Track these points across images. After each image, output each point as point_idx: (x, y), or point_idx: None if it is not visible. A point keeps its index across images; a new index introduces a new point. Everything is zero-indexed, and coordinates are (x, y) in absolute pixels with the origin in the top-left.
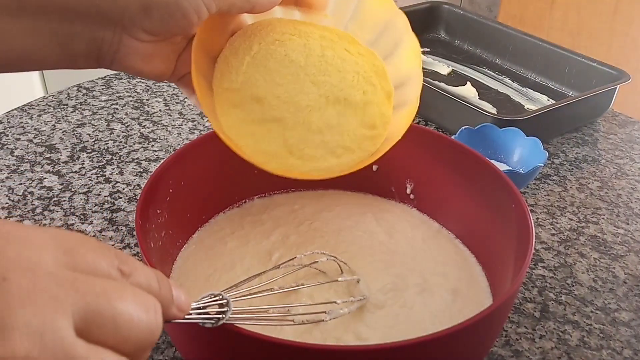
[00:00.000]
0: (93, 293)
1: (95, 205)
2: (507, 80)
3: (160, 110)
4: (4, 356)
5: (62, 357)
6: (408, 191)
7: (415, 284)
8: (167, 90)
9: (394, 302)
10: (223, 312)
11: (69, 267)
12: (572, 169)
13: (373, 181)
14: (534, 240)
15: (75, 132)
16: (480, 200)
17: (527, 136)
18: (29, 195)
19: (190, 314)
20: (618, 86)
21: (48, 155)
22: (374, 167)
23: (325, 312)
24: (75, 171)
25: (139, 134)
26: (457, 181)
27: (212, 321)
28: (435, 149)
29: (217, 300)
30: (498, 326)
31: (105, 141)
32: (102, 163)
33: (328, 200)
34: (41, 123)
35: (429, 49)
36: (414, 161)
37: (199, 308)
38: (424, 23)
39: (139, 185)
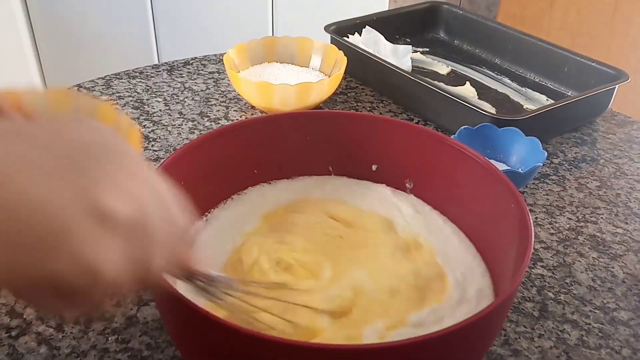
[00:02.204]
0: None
1: None
2: (506, 80)
3: (160, 110)
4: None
5: None
6: (408, 191)
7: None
8: (167, 90)
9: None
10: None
11: None
12: (571, 168)
13: (373, 180)
14: (533, 239)
15: None
16: (479, 200)
17: (526, 136)
18: None
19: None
20: (617, 86)
21: None
22: (374, 167)
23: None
24: None
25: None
26: (456, 181)
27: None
28: (435, 149)
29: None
30: (497, 325)
31: None
32: None
33: (330, 204)
34: None
35: (428, 49)
36: (413, 161)
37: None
38: (423, 23)
39: None
